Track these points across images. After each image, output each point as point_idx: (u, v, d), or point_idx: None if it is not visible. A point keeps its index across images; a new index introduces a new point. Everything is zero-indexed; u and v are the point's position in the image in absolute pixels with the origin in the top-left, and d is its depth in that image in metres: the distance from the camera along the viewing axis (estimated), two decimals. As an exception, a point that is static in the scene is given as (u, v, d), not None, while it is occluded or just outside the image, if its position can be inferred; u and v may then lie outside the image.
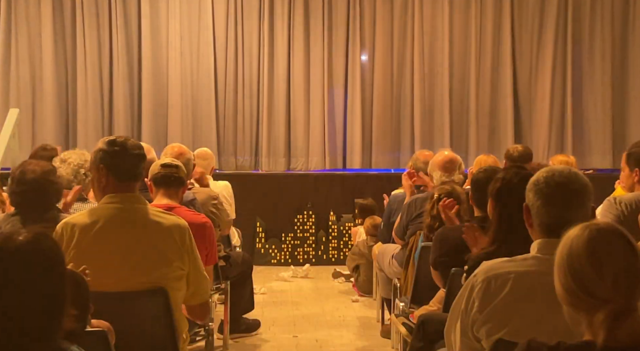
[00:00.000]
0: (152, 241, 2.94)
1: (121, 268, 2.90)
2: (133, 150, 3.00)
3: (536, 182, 2.27)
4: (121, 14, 8.80)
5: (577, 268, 1.66)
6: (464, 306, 2.24)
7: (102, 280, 2.72)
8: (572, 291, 1.66)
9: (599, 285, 1.63)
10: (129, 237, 2.92)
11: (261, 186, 8.37)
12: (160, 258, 2.93)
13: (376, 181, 8.10)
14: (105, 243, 2.90)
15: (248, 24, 8.93)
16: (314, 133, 8.90)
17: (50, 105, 8.77)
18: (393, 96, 9.01)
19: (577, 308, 1.67)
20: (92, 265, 2.64)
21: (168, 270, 2.94)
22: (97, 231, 2.91)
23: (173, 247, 2.96)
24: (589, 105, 9.06)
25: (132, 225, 2.95)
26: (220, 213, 4.89)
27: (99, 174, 2.99)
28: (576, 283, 1.65)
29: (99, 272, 2.69)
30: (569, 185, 2.21)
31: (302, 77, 8.88)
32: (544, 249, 2.19)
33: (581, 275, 1.65)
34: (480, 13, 8.99)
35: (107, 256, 2.89)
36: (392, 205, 5.32)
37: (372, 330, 5.60)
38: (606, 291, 1.62)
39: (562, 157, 5.98)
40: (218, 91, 8.96)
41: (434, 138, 9.01)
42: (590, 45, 9.02)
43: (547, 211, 2.21)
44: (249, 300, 5.36)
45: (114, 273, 2.88)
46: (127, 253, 2.91)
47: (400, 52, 8.99)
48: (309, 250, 8.23)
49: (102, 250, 2.90)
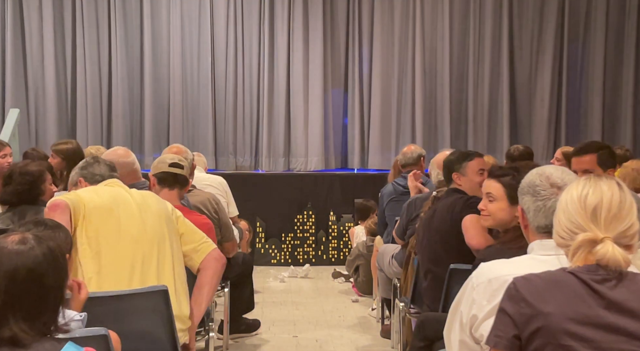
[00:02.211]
0: (152, 206, 3.15)
1: (135, 228, 3.05)
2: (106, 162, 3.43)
3: (529, 183, 2.27)
4: (121, 14, 8.81)
5: (569, 202, 1.88)
6: (463, 306, 2.24)
7: (119, 247, 2.96)
8: (560, 222, 1.88)
9: (581, 215, 1.84)
10: (134, 203, 3.11)
11: (261, 186, 8.37)
12: (163, 216, 3.15)
13: (376, 181, 8.10)
14: (114, 208, 3.06)
15: (248, 25, 8.94)
16: (314, 134, 8.90)
17: (50, 105, 8.78)
18: (393, 96, 9.02)
19: (563, 239, 1.87)
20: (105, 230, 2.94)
21: (171, 226, 3.16)
22: (104, 202, 3.06)
23: (168, 210, 3.21)
24: (588, 105, 9.07)
25: (132, 194, 3.17)
26: (221, 216, 4.80)
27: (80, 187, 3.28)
28: (565, 216, 1.87)
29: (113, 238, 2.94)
30: (563, 186, 2.21)
31: (302, 78, 8.89)
32: (540, 250, 2.20)
33: (569, 208, 1.87)
34: (479, 13, 9.01)
35: (119, 221, 3.03)
36: (382, 199, 5.53)
37: (372, 330, 5.61)
38: (585, 221, 1.82)
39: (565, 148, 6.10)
40: (218, 91, 8.96)
41: (433, 138, 9.03)
42: (589, 46, 9.04)
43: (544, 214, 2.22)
44: (249, 300, 5.35)
45: (130, 237, 3.02)
46: (136, 213, 3.08)
47: (400, 52, 9.00)
48: (309, 250, 8.24)
49: (113, 215, 3.04)
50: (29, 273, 1.82)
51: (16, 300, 1.79)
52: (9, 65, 8.77)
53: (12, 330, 1.75)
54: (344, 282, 7.24)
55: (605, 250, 1.78)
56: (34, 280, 1.82)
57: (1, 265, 1.82)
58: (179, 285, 3.08)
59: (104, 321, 2.53)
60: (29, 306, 1.80)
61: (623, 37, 9.06)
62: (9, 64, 8.76)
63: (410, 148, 5.63)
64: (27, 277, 1.81)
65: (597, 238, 1.80)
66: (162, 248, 3.06)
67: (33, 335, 1.77)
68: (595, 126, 9.02)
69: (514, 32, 9.07)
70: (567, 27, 8.99)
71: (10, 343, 1.76)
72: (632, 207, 1.85)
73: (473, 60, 9.02)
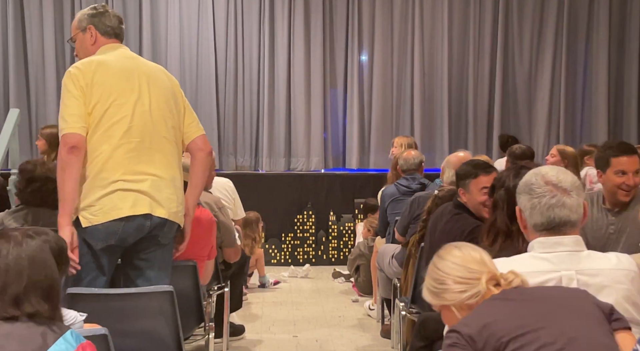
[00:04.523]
0: (158, 74, 3.38)
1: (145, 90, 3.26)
2: (115, 13, 3.52)
3: (525, 183, 2.28)
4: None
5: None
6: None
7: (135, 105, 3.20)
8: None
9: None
10: (143, 67, 3.34)
11: (261, 186, 8.37)
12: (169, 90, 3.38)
13: (376, 181, 8.10)
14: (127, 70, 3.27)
15: (248, 24, 8.94)
16: (314, 134, 8.91)
17: (50, 106, 8.78)
18: (392, 96, 9.02)
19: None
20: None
21: (178, 96, 3.43)
22: (115, 64, 3.26)
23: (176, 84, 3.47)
24: (592, 105, 9.08)
25: (138, 61, 3.40)
26: (222, 220, 4.77)
27: (89, 34, 3.38)
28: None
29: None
30: (558, 184, 2.22)
31: (302, 78, 8.89)
32: (540, 248, 2.21)
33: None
34: (479, 13, 9.01)
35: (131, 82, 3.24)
36: (384, 199, 5.55)
37: (372, 330, 5.61)
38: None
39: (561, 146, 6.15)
40: (218, 91, 8.97)
41: (433, 138, 9.03)
42: (591, 45, 9.04)
43: (540, 211, 2.22)
44: (238, 299, 5.31)
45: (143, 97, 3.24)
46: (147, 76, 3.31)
47: (399, 53, 9.01)
48: (309, 250, 8.24)
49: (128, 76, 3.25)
50: (47, 256, 2.02)
51: (36, 281, 1.94)
52: (9, 65, 8.77)
53: (34, 307, 1.90)
54: (344, 282, 7.24)
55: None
56: (49, 264, 2.01)
57: (22, 249, 1.99)
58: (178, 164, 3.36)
59: (108, 320, 2.54)
60: (46, 287, 1.95)
61: (625, 36, 9.06)
62: (11, 64, 8.76)
63: (410, 154, 5.68)
64: (45, 261, 2.00)
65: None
66: (169, 124, 3.31)
67: (48, 315, 1.92)
68: (600, 125, 9.01)
69: (514, 32, 9.08)
70: (567, 27, 8.99)
71: (29, 317, 1.90)
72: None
73: (473, 60, 9.02)
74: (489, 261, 2.05)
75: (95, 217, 3.10)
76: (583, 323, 1.85)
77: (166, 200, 3.24)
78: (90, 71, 3.16)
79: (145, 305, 2.97)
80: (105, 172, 3.12)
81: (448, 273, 2.02)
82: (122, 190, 3.12)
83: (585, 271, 2.16)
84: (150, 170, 3.21)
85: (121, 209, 3.11)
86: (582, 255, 2.19)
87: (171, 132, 3.32)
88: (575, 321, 1.85)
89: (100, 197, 3.11)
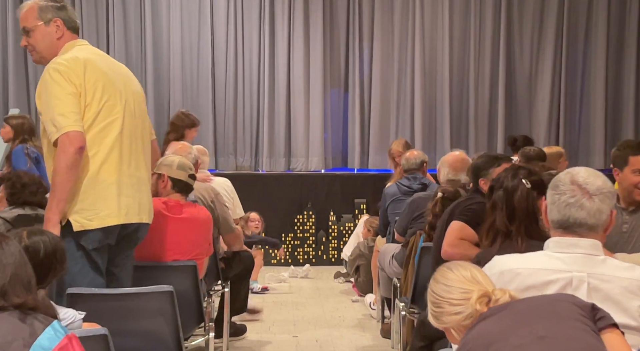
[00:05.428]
0: (130, 75, 3.44)
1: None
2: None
3: (556, 179, 2.28)
4: (121, 15, 8.81)
5: None
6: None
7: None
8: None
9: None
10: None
11: (261, 186, 8.37)
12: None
13: (376, 181, 8.10)
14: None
15: (248, 24, 8.93)
16: (314, 134, 8.90)
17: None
18: (393, 96, 9.01)
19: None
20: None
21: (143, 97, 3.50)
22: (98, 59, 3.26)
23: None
24: (590, 105, 9.07)
25: (113, 60, 3.43)
26: (217, 206, 4.75)
27: (54, 27, 3.26)
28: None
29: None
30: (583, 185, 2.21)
31: (302, 77, 8.89)
32: (556, 247, 2.21)
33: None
34: (480, 13, 9.00)
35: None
36: (385, 199, 5.57)
37: (372, 330, 5.61)
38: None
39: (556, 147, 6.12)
40: (218, 91, 8.96)
41: (433, 138, 9.02)
42: (590, 45, 9.04)
43: (557, 208, 2.22)
44: (243, 302, 5.26)
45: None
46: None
47: (400, 52, 9.00)
48: (309, 250, 8.24)
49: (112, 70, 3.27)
50: (51, 250, 2.43)
51: (18, 273, 1.98)
52: (9, 65, 8.77)
53: (20, 298, 1.94)
54: (344, 282, 7.24)
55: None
56: (49, 258, 2.42)
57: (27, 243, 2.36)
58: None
59: (108, 320, 2.54)
60: (26, 281, 2.00)
61: (624, 36, 9.06)
62: (11, 64, 8.76)
63: (413, 154, 5.71)
64: (49, 254, 2.41)
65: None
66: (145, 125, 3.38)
67: (32, 305, 1.95)
68: (598, 126, 9.00)
69: (514, 32, 9.07)
70: (567, 27, 8.98)
71: (16, 308, 1.93)
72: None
73: (473, 60, 9.01)
74: (481, 277, 2.04)
75: (90, 221, 3.09)
76: (554, 323, 1.83)
77: (147, 203, 3.32)
78: (81, 69, 3.09)
79: (145, 305, 2.97)
80: (101, 174, 3.11)
81: (442, 296, 2.02)
82: (117, 195, 3.14)
83: (597, 276, 2.14)
84: (137, 172, 3.25)
85: (117, 216, 3.14)
86: (597, 259, 2.17)
87: (146, 132, 3.38)
88: (546, 321, 1.84)
89: (95, 201, 3.10)
